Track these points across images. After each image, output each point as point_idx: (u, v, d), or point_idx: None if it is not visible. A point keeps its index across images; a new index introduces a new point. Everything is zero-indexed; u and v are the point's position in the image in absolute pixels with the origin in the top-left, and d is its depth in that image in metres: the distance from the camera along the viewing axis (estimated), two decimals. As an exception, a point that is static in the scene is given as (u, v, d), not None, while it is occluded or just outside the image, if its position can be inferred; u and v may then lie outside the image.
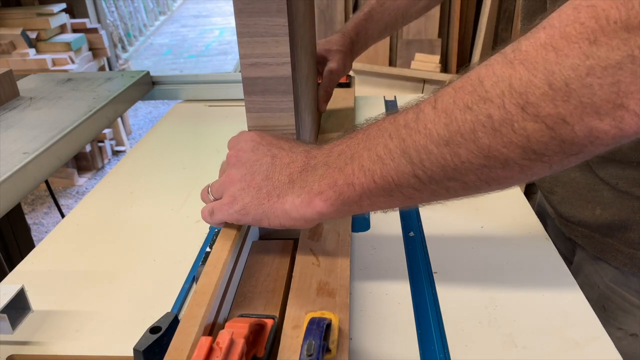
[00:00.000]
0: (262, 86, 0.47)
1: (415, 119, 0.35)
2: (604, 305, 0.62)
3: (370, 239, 0.58)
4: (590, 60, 0.27)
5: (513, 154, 0.31)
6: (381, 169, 0.36)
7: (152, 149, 0.88)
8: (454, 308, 0.47)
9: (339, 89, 0.93)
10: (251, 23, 0.44)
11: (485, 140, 0.31)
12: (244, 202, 0.43)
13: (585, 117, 0.28)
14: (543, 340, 0.44)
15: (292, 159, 0.43)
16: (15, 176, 0.69)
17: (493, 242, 0.57)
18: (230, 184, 0.44)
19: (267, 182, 0.42)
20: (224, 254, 0.43)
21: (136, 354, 0.38)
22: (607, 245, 0.61)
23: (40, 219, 2.50)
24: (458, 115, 0.32)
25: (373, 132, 0.38)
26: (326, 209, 0.40)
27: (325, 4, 2.32)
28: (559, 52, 0.28)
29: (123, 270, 0.56)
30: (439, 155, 0.33)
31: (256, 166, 0.43)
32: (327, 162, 0.40)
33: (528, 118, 0.29)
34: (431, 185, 0.35)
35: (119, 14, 4.73)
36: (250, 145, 0.45)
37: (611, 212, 0.59)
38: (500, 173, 0.33)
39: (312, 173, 0.41)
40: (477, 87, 0.31)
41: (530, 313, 0.46)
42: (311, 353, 0.34)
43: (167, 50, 5.35)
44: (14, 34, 2.62)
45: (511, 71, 0.30)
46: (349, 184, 0.38)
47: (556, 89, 0.28)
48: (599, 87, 0.27)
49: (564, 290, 0.49)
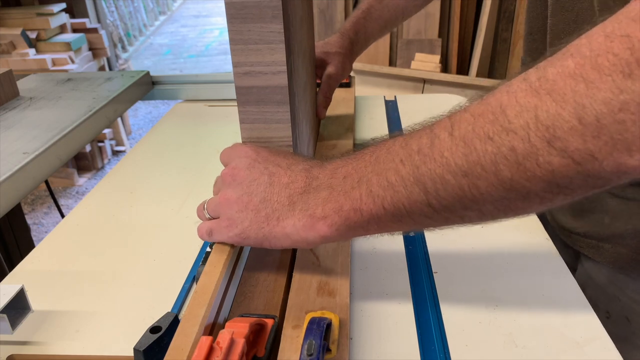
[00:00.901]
0: (257, 96, 0.45)
1: (430, 145, 0.33)
2: (627, 317, 0.59)
3: (370, 239, 0.58)
4: (624, 95, 0.26)
5: (536, 187, 0.30)
6: (392, 196, 0.35)
7: (152, 149, 0.88)
8: (454, 308, 0.47)
9: (339, 89, 0.93)
10: (244, 30, 0.42)
11: (507, 173, 0.30)
12: (243, 226, 0.42)
13: (615, 153, 0.27)
14: (543, 340, 0.44)
15: (291, 179, 0.41)
16: (15, 176, 0.69)
17: (493, 242, 0.57)
18: (227, 205, 0.42)
19: (266, 205, 0.41)
20: (224, 253, 0.43)
21: (136, 354, 0.38)
22: (622, 255, 0.58)
23: (40, 219, 2.50)
24: (478, 145, 0.31)
25: (382, 155, 0.36)
26: (330, 233, 0.39)
27: (325, 3, 2.32)
28: (590, 84, 0.27)
29: (123, 270, 0.56)
30: (456, 186, 0.32)
31: (253, 186, 0.42)
32: (332, 185, 0.39)
33: (554, 153, 0.28)
34: (444, 214, 0.34)
35: (119, 14, 4.72)
36: (245, 163, 0.43)
37: (623, 220, 0.57)
38: (520, 204, 0.32)
39: (315, 195, 0.39)
40: (499, 116, 0.30)
41: (530, 313, 0.46)
42: (311, 353, 0.34)
43: (167, 50, 5.35)
44: (14, 34, 2.62)
45: (537, 102, 0.28)
46: (356, 209, 0.37)
47: (586, 124, 0.27)
48: (632, 123, 0.26)
49: (564, 290, 0.49)
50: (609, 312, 0.45)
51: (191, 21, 6.39)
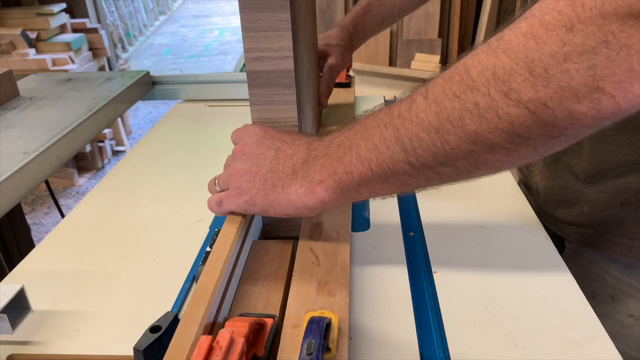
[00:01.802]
0: (266, 79, 0.48)
1: (408, 109, 0.37)
2: (612, 295, 0.63)
3: (370, 239, 0.58)
4: (567, 47, 0.28)
5: (499, 138, 0.32)
6: (377, 157, 0.38)
7: (152, 149, 0.88)
8: (454, 308, 0.47)
9: (339, 89, 0.93)
10: (255, 18, 0.45)
11: (473, 126, 0.33)
12: (251, 193, 0.45)
13: (565, 100, 0.29)
14: (543, 340, 0.44)
15: (294, 151, 0.44)
16: (15, 176, 0.69)
17: (493, 242, 0.57)
18: (236, 176, 0.46)
19: (272, 174, 0.44)
20: (224, 253, 0.43)
21: (136, 353, 0.38)
22: (604, 239, 0.62)
23: (40, 219, 2.50)
24: (447, 103, 0.34)
25: (370, 122, 0.40)
26: (327, 196, 0.42)
27: (325, 3, 2.32)
28: (539, 40, 0.29)
29: (123, 270, 0.56)
30: (430, 143, 0.35)
31: (261, 159, 0.45)
32: (328, 153, 0.42)
33: (511, 104, 0.31)
34: (424, 171, 0.37)
35: (119, 14, 4.73)
36: (254, 139, 0.47)
37: (601, 208, 0.61)
38: (489, 157, 0.34)
39: (314, 163, 0.43)
40: (464, 77, 0.33)
41: (530, 313, 0.46)
42: (311, 352, 0.34)
43: (167, 50, 5.35)
44: (14, 34, 2.62)
45: (495, 60, 0.31)
46: (347, 172, 0.40)
47: (536, 75, 0.30)
48: (576, 71, 0.28)
49: (564, 290, 0.49)
50: (594, 292, 0.48)
51: (191, 21, 6.39)
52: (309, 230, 0.52)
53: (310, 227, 0.52)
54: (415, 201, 0.65)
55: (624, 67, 0.28)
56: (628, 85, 0.28)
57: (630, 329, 0.61)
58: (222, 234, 0.45)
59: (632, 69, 0.28)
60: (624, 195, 0.59)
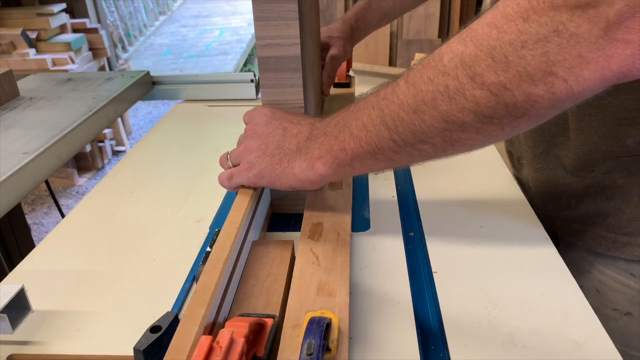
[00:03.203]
0: (275, 64, 0.53)
1: (392, 91, 0.41)
2: (597, 289, 0.65)
3: (370, 239, 0.58)
4: (523, 36, 0.32)
5: (468, 117, 0.36)
6: (366, 135, 0.42)
7: (152, 149, 0.88)
8: (454, 308, 0.47)
9: (339, 89, 0.93)
10: (266, 8, 0.50)
11: (444, 107, 0.36)
12: (260, 167, 0.50)
13: (523, 84, 0.33)
14: (543, 340, 0.44)
15: (299, 130, 0.49)
16: (15, 176, 0.69)
17: (493, 242, 0.57)
18: (247, 152, 0.51)
19: (279, 150, 0.49)
20: (224, 253, 0.43)
21: (136, 354, 0.38)
22: (589, 233, 0.64)
23: (40, 219, 2.50)
24: (422, 86, 0.37)
25: (361, 104, 0.44)
26: (326, 171, 0.46)
27: (325, 3, 2.32)
28: (500, 29, 0.33)
29: (123, 270, 0.56)
30: (409, 122, 0.39)
31: (270, 137, 0.50)
32: (326, 132, 0.47)
33: (476, 86, 0.34)
34: (406, 148, 0.41)
35: (119, 14, 4.72)
36: (264, 120, 0.52)
37: (587, 202, 0.63)
38: (461, 135, 0.38)
39: (315, 141, 0.47)
40: (437, 63, 0.37)
41: (530, 313, 0.46)
42: (311, 352, 0.34)
43: (167, 50, 5.35)
44: (14, 34, 2.62)
45: (463, 47, 0.35)
46: (342, 149, 0.44)
47: (497, 61, 0.33)
48: (532, 57, 0.32)
49: (564, 290, 0.49)
50: (582, 285, 0.50)
51: (191, 21, 6.39)
52: (309, 230, 0.52)
53: (310, 227, 0.52)
54: (415, 201, 0.65)
55: (574, 53, 0.31)
56: (578, 71, 0.31)
57: (614, 322, 0.63)
58: (222, 234, 0.45)
59: (581, 55, 0.30)
60: (610, 191, 0.61)
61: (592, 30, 0.30)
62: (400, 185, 0.70)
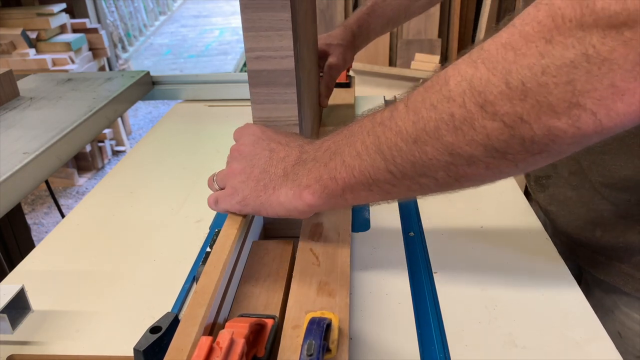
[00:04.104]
0: (267, 78, 0.49)
1: (389, 116, 0.36)
2: (619, 332, 0.59)
3: (370, 239, 0.58)
4: (545, 59, 0.27)
5: (476, 151, 0.31)
6: (359, 164, 0.38)
7: (152, 149, 0.88)
8: (454, 308, 0.47)
9: (339, 89, 0.93)
10: (256, 18, 0.46)
11: (449, 138, 0.32)
12: (244, 194, 0.45)
13: (543, 115, 0.28)
14: (543, 340, 0.44)
15: (287, 153, 0.45)
16: (15, 176, 0.69)
17: (493, 242, 0.57)
18: (232, 175, 0.47)
19: (265, 175, 0.45)
20: (224, 254, 0.43)
21: (136, 354, 0.38)
22: (615, 268, 0.57)
23: (40, 219, 2.50)
24: (424, 113, 0.33)
25: (355, 128, 0.40)
26: (314, 201, 0.42)
27: (325, 4, 2.32)
28: (517, 51, 0.28)
29: (123, 270, 0.56)
30: (408, 152, 0.34)
31: (255, 160, 0.46)
32: (316, 157, 0.42)
33: (487, 116, 0.30)
34: (405, 181, 0.36)
35: (119, 14, 4.72)
36: (251, 139, 0.48)
37: (614, 234, 0.56)
38: (468, 170, 0.33)
39: (303, 167, 0.43)
40: (442, 87, 0.32)
41: (530, 313, 0.46)
42: (311, 353, 0.34)
43: (167, 50, 5.35)
44: (14, 34, 2.62)
45: (473, 71, 0.30)
46: (332, 178, 0.40)
47: (513, 88, 0.28)
48: (554, 86, 0.27)
49: (564, 290, 0.49)
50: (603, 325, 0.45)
51: (191, 21, 6.39)
52: (309, 230, 0.52)
53: (311, 228, 0.52)
54: (415, 201, 0.65)
55: (606, 83, 0.26)
56: (610, 103, 0.26)
57: None
58: (222, 234, 0.45)
59: (614, 84, 0.26)
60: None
61: (628, 55, 0.25)
62: (400, 185, 0.70)
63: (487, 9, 2.12)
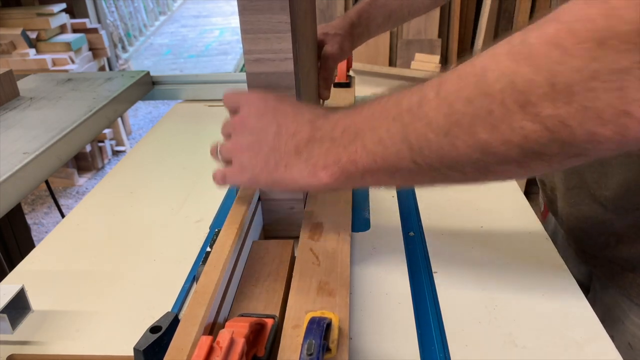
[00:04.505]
0: (266, 81, 0.48)
1: (418, 104, 0.34)
2: (630, 343, 0.57)
3: (370, 239, 0.58)
4: (596, 64, 0.25)
5: (511, 151, 0.30)
6: (382, 151, 0.36)
7: (152, 149, 0.88)
8: (454, 308, 0.47)
9: (339, 89, 0.93)
10: (254, 20, 0.46)
11: (484, 135, 0.30)
12: (254, 172, 0.44)
13: (587, 121, 0.27)
14: (543, 340, 0.44)
15: (297, 129, 0.42)
16: (15, 176, 0.69)
17: (493, 242, 0.57)
18: (239, 151, 0.45)
19: (275, 153, 0.43)
20: (224, 253, 0.43)
21: (136, 354, 0.38)
22: (628, 278, 0.56)
23: (40, 219, 2.50)
24: (459, 106, 0.31)
25: (377, 111, 0.37)
26: (331, 182, 0.40)
27: (325, 4, 2.32)
28: (565, 51, 0.26)
29: (123, 270, 0.56)
30: (437, 145, 0.33)
31: (262, 135, 0.44)
32: (333, 137, 0.40)
33: (527, 118, 0.28)
34: (430, 172, 0.35)
35: (119, 14, 4.72)
36: (254, 111, 0.45)
37: (628, 243, 0.55)
38: (498, 168, 0.32)
39: (319, 146, 0.41)
40: (480, 79, 0.30)
41: (530, 313, 0.46)
42: (311, 352, 0.34)
43: (167, 50, 5.35)
44: (14, 34, 2.62)
45: (515, 67, 0.28)
46: (352, 161, 0.38)
47: (558, 91, 0.27)
48: (603, 91, 0.25)
49: (564, 290, 0.49)
50: (612, 336, 0.45)
51: (191, 21, 6.39)
52: (309, 230, 0.52)
53: (310, 227, 0.52)
54: (415, 201, 0.65)
55: None
56: None
57: None
58: (222, 234, 0.45)
59: None
60: None
61: None
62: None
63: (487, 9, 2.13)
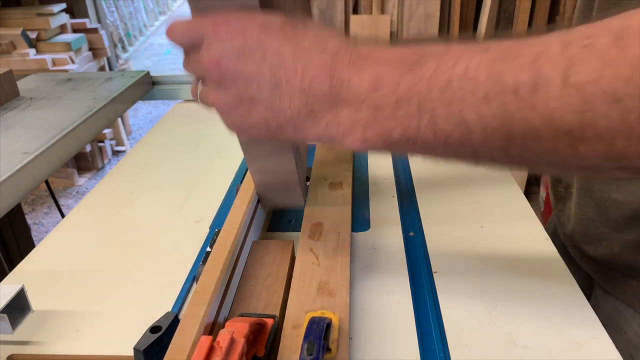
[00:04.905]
0: None
1: (532, 87, 0.25)
2: (632, 355, 0.54)
3: (370, 239, 0.58)
4: None
5: None
6: (462, 133, 0.28)
7: (152, 149, 0.88)
8: (454, 308, 0.47)
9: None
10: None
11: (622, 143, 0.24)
12: (251, 132, 0.34)
13: None
14: (543, 340, 0.44)
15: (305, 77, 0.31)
16: (15, 176, 0.69)
17: (493, 242, 0.57)
18: (223, 111, 0.34)
19: (276, 114, 0.32)
20: (224, 253, 0.43)
21: (136, 354, 0.38)
22: (631, 287, 0.54)
23: (40, 219, 2.50)
24: (601, 106, 0.23)
25: (457, 79, 0.27)
26: (364, 149, 0.32)
27: (325, 3, 2.32)
28: None
29: (123, 270, 0.56)
30: (552, 142, 0.26)
31: (252, 87, 0.31)
32: (377, 105, 0.29)
33: None
34: (519, 163, 0.29)
35: (119, 14, 4.72)
36: (232, 50, 0.31)
37: (632, 252, 0.53)
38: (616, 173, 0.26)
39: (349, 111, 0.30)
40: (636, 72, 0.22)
41: (530, 313, 0.46)
42: (311, 352, 0.34)
43: (167, 50, 5.35)
44: (14, 34, 2.62)
45: None
46: (409, 138, 0.29)
47: None
48: None
49: (564, 290, 0.49)
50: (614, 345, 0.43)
51: (191, 21, 6.38)
52: (309, 230, 0.52)
53: (310, 227, 0.52)
54: (415, 201, 0.65)
55: None
56: None
57: None
58: (222, 234, 0.45)
59: None
60: None
61: None
62: (401, 185, 0.70)
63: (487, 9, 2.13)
